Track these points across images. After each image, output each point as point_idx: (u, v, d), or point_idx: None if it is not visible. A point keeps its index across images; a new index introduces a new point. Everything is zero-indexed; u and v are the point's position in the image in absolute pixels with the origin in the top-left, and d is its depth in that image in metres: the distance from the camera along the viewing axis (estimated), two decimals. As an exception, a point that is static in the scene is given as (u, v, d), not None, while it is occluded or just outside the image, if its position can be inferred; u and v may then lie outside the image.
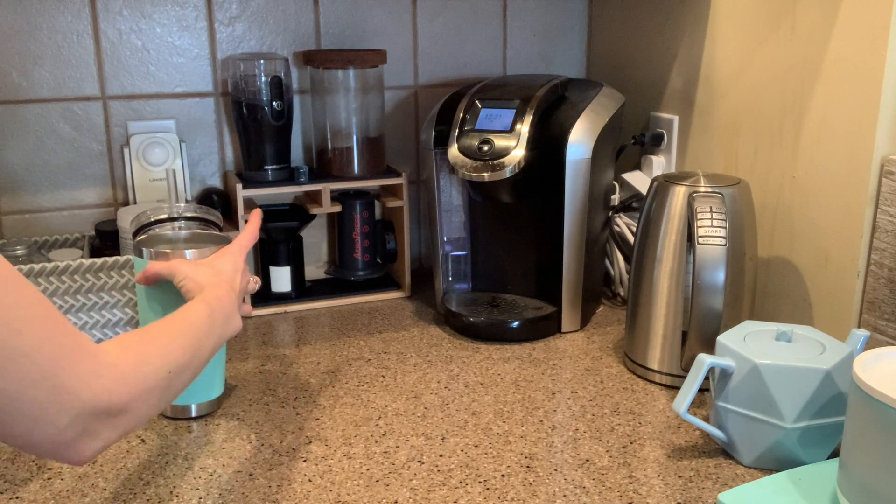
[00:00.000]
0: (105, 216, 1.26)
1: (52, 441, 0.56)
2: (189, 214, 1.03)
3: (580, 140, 1.09)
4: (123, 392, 0.58)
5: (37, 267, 1.03)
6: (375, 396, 0.97)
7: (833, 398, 0.78)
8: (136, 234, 1.01)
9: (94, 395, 0.56)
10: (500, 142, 1.07)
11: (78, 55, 1.20)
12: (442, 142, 1.14)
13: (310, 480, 0.80)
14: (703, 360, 0.81)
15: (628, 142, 1.29)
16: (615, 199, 1.27)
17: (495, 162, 1.06)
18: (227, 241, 0.92)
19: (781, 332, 0.84)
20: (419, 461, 0.83)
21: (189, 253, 0.87)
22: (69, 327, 0.56)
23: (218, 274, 0.81)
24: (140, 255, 0.88)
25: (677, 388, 0.94)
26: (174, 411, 0.92)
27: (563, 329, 1.16)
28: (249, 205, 1.23)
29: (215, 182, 1.31)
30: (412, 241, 1.40)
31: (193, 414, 0.92)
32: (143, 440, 0.88)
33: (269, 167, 1.24)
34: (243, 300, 0.86)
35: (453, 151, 1.09)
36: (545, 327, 1.16)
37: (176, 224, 1.02)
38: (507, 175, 1.06)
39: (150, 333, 0.66)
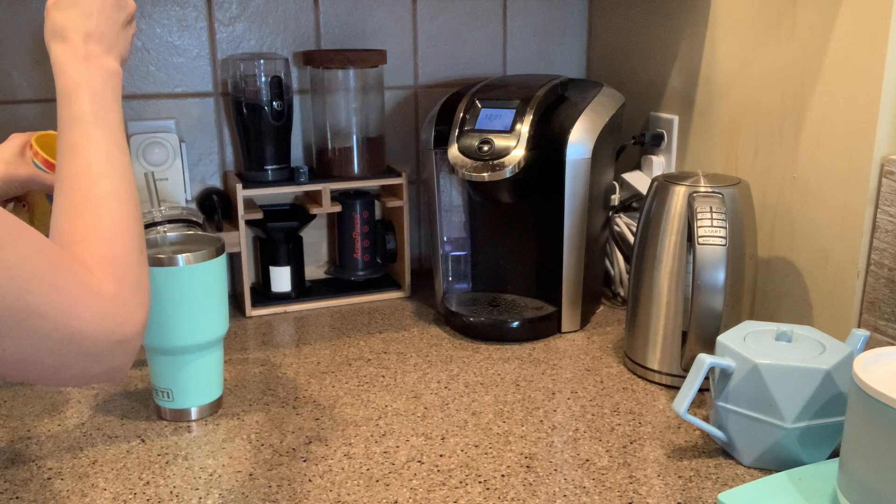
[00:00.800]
0: (105, 216, 1.25)
1: (81, 378, 0.59)
2: (172, 216, 1.03)
3: (580, 140, 1.09)
4: (135, 319, 0.60)
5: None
6: (375, 396, 0.97)
7: (833, 398, 0.78)
8: None
9: (108, 333, 0.57)
10: (500, 142, 1.07)
11: (78, 55, 1.20)
12: (442, 142, 1.14)
13: (310, 480, 0.80)
14: (703, 360, 0.81)
15: (628, 142, 1.29)
16: (615, 199, 1.27)
17: (495, 162, 1.06)
18: (219, 240, 0.92)
19: (781, 332, 0.84)
20: (419, 461, 0.83)
21: (182, 258, 0.87)
22: (70, 266, 0.56)
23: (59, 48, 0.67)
24: None
25: (677, 388, 0.94)
26: (174, 414, 0.91)
27: (563, 329, 1.16)
28: (249, 205, 1.23)
29: (215, 182, 1.31)
30: (412, 241, 1.40)
31: (194, 417, 0.92)
32: (142, 440, 0.88)
33: (269, 167, 1.24)
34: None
35: (453, 151, 1.09)
36: (545, 327, 1.16)
37: (160, 228, 1.01)
38: (507, 175, 1.06)
39: (104, 221, 0.62)
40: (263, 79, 1.21)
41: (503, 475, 0.81)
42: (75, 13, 0.67)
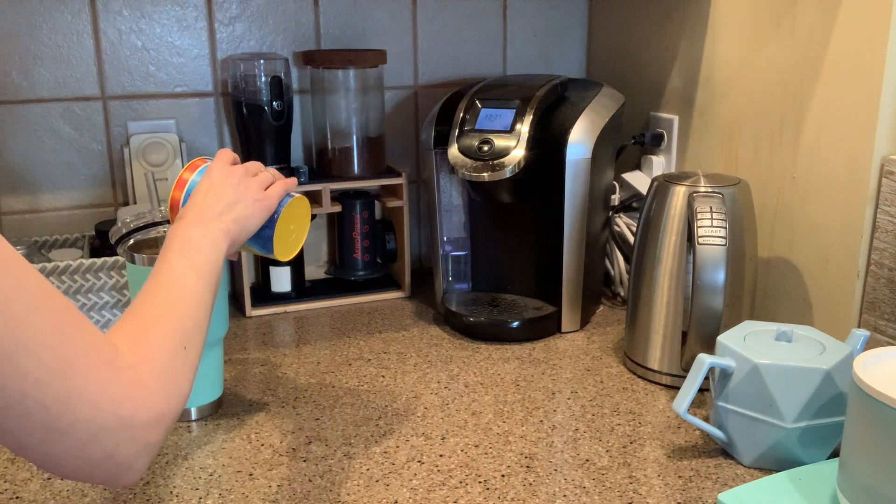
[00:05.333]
0: (105, 216, 1.26)
1: (78, 458, 0.50)
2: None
3: (580, 140, 1.09)
4: (151, 402, 0.53)
5: (36, 267, 1.03)
6: (375, 396, 0.97)
7: (833, 398, 0.78)
8: (119, 241, 1.00)
9: (118, 404, 0.51)
10: (500, 142, 1.07)
11: (78, 55, 1.20)
12: (442, 142, 1.14)
13: (310, 480, 0.80)
14: (703, 360, 0.81)
15: (628, 142, 1.29)
16: (615, 199, 1.27)
17: (495, 162, 1.06)
18: None
19: (781, 332, 0.84)
20: (419, 461, 0.83)
21: None
22: (81, 322, 0.50)
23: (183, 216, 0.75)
24: (132, 261, 0.88)
25: (677, 388, 0.94)
26: (174, 412, 0.91)
27: (563, 329, 1.16)
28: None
29: (215, 182, 1.30)
30: (412, 241, 1.40)
31: (194, 417, 0.92)
32: (143, 440, 0.87)
33: (270, 167, 1.23)
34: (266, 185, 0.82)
35: (453, 151, 1.09)
36: (545, 327, 1.16)
37: (160, 228, 1.01)
38: (507, 175, 1.06)
39: (149, 315, 0.61)
40: (263, 79, 1.21)
41: (503, 475, 0.81)
42: (189, 206, 0.76)
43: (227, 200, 0.77)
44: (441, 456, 0.84)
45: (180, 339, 0.61)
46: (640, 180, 1.27)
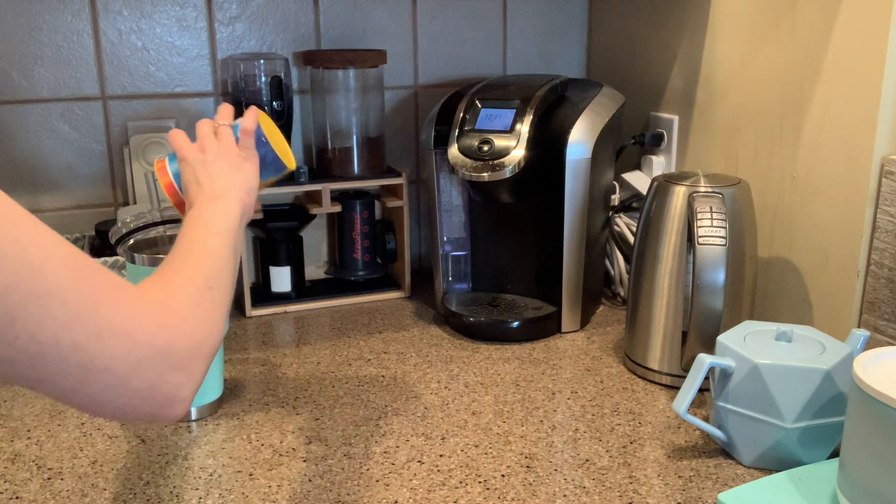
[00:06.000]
0: (105, 216, 1.26)
1: (122, 394, 0.51)
2: (172, 216, 1.03)
3: (580, 140, 1.09)
4: (187, 329, 0.54)
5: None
6: (375, 396, 0.97)
7: (833, 398, 0.78)
8: (119, 241, 1.00)
9: (152, 335, 0.52)
10: (500, 142, 1.07)
11: (78, 55, 1.20)
12: (442, 142, 1.14)
13: (310, 480, 0.80)
14: (703, 360, 0.81)
15: (628, 142, 1.29)
16: (615, 199, 1.27)
17: (495, 162, 1.06)
18: None
19: (781, 332, 0.84)
20: (419, 461, 0.83)
21: None
22: (101, 268, 0.51)
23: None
24: (132, 261, 0.88)
25: (677, 388, 0.94)
26: (174, 412, 0.91)
27: (563, 329, 1.16)
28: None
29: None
30: (412, 241, 1.40)
31: (194, 417, 0.92)
32: (143, 440, 0.88)
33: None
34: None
35: (453, 151, 1.09)
36: (545, 327, 1.16)
37: (160, 228, 1.01)
38: (507, 175, 1.06)
39: (167, 268, 0.63)
40: (263, 79, 1.21)
41: (503, 475, 0.81)
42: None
43: (220, 178, 0.77)
44: (441, 456, 0.84)
45: (204, 279, 0.62)
46: (640, 180, 1.27)
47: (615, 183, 1.27)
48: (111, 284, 0.51)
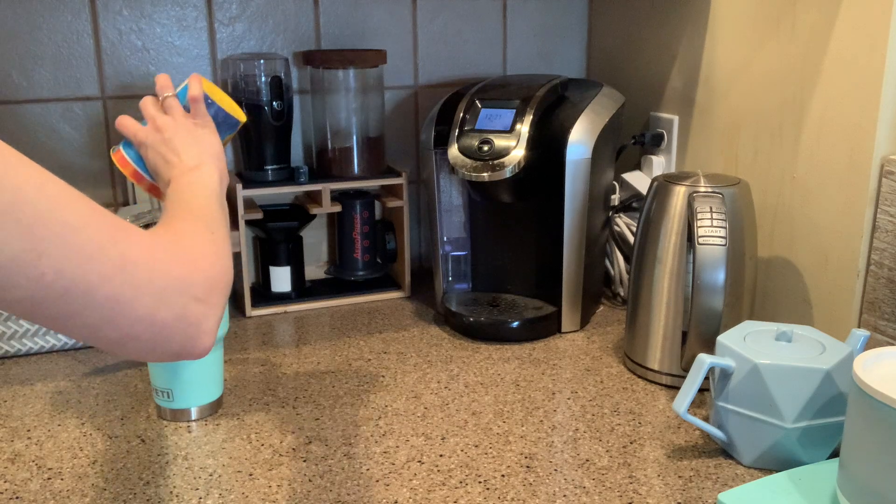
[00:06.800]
0: (105, 216, 1.25)
1: (151, 326, 0.52)
2: None
3: (580, 140, 1.09)
4: (203, 264, 0.56)
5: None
6: (375, 396, 0.97)
7: (833, 398, 0.78)
8: None
9: (172, 266, 0.53)
10: (500, 142, 1.07)
11: (78, 55, 1.20)
12: (442, 142, 1.14)
13: (310, 480, 0.80)
14: (703, 360, 0.81)
15: (628, 142, 1.29)
16: (615, 199, 1.27)
17: (495, 162, 1.06)
18: None
19: (781, 332, 0.84)
20: (419, 461, 0.83)
21: None
22: (108, 211, 0.52)
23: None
24: None
25: (677, 388, 0.94)
26: (174, 414, 0.91)
27: (563, 329, 1.16)
28: (249, 205, 1.23)
29: (215, 182, 1.30)
30: (412, 241, 1.40)
31: (194, 417, 0.92)
32: (143, 440, 0.88)
33: (269, 167, 1.24)
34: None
35: (453, 151, 1.09)
36: (545, 327, 1.16)
37: None
38: (507, 175, 1.06)
39: (163, 220, 0.65)
40: (263, 79, 1.21)
41: (503, 475, 0.81)
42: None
43: (187, 151, 0.79)
44: (441, 456, 0.84)
45: (206, 226, 0.64)
46: (640, 180, 1.27)
47: (615, 183, 1.27)
48: (123, 224, 0.52)
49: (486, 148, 1.07)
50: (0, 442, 0.87)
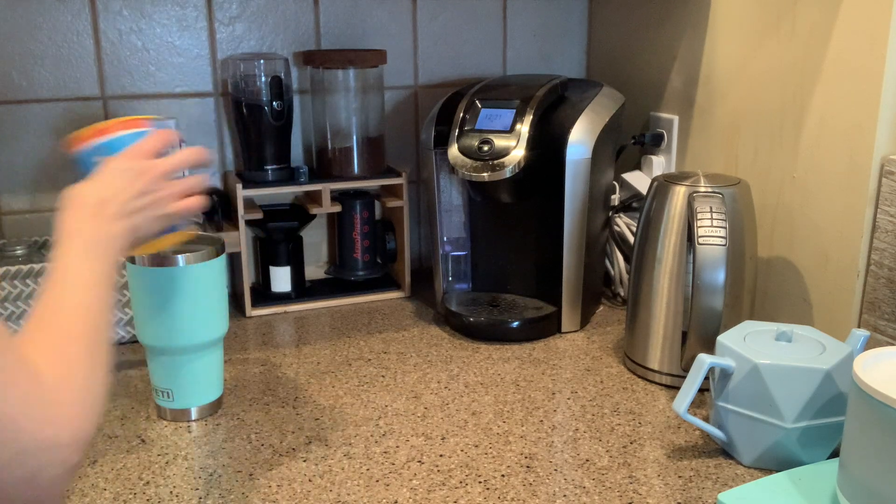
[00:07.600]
0: (105, 216, 1.25)
1: None
2: None
3: (580, 140, 1.09)
4: (74, 426, 0.53)
5: (37, 267, 1.03)
6: (375, 396, 0.97)
7: (833, 398, 0.78)
8: None
9: (40, 428, 0.50)
10: (500, 142, 1.07)
11: (78, 55, 1.20)
12: (442, 142, 1.14)
13: (310, 480, 0.80)
14: (703, 360, 0.81)
15: (628, 142, 1.29)
16: (615, 199, 1.27)
17: (495, 162, 1.06)
18: (219, 240, 0.92)
19: (781, 332, 0.84)
20: (419, 461, 0.83)
21: (182, 258, 0.87)
22: (9, 342, 0.49)
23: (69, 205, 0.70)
24: (132, 261, 0.88)
25: (677, 388, 0.94)
26: (174, 414, 0.91)
27: (563, 329, 1.16)
28: (249, 205, 1.23)
29: (215, 182, 1.31)
30: (412, 241, 1.40)
31: (194, 417, 0.92)
32: (143, 440, 0.88)
33: (269, 167, 1.24)
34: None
35: (453, 151, 1.09)
36: (545, 327, 1.16)
37: None
38: (507, 175, 1.06)
39: (61, 326, 0.59)
40: (263, 79, 1.21)
41: (503, 475, 0.81)
42: (90, 186, 0.72)
43: (136, 203, 0.72)
44: (441, 456, 0.84)
45: (96, 355, 0.59)
46: (640, 180, 1.27)
47: (615, 183, 1.27)
48: (10, 366, 0.49)
49: (486, 148, 1.07)
50: (0, 442, 0.87)
